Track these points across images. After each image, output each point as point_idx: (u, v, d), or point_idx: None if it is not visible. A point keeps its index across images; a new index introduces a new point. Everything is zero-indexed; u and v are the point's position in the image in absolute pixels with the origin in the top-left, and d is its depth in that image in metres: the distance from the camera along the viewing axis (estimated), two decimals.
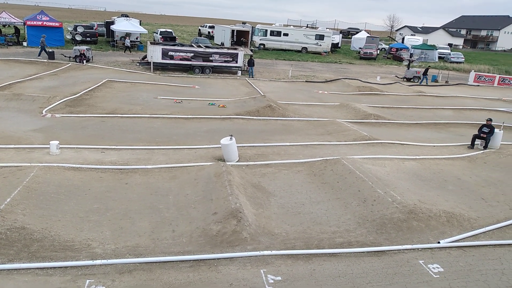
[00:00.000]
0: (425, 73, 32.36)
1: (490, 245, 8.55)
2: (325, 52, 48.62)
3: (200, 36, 52.20)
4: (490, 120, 15.41)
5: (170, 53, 27.63)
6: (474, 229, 9.12)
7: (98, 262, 6.96)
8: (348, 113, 19.97)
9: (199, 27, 62.59)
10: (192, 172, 11.07)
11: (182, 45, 30.77)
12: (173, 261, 7.21)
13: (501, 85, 33.76)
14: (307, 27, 66.54)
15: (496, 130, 15.26)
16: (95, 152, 12.33)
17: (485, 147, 15.20)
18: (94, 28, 42.37)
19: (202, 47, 30.41)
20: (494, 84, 33.93)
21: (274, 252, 7.67)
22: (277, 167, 12.09)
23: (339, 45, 56.51)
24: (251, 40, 47.90)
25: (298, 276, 7.07)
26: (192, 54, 28.27)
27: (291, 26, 52.61)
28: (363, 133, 15.98)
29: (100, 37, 41.38)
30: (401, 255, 7.94)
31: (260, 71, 31.91)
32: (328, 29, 54.77)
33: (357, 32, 68.16)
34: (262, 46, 47.27)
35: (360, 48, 51.71)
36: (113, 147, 12.83)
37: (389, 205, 9.50)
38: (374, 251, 7.96)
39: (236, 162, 12.18)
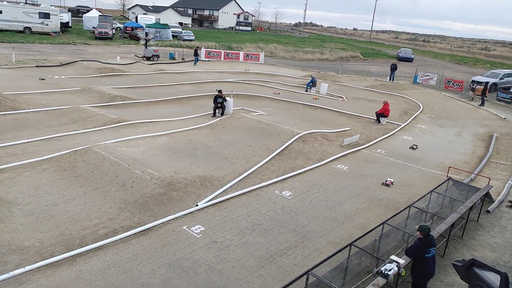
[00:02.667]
0: (195, 54, 34.67)
1: (236, 195, 10.08)
2: (55, 33, 43.68)
3: None
4: (220, 91, 17.70)
5: None
6: (223, 186, 10.49)
7: None
8: (92, 97, 18.84)
9: None
10: None
11: None
12: None
13: (226, 59, 39.13)
14: (26, 3, 57.58)
15: (227, 98, 17.71)
16: None
17: (222, 114, 17.48)
18: None
19: None
20: (222, 59, 39.00)
21: (28, 267, 6.65)
22: (16, 170, 10.31)
23: (70, 25, 51.78)
24: None
25: (62, 284, 6.41)
26: None
27: (4, 2, 44.22)
28: (112, 116, 15.49)
29: None
30: (166, 227, 8.35)
31: None
32: (53, 7, 49.07)
33: (88, 11, 64.06)
34: None
35: (94, 27, 48.94)
36: None
37: (148, 183, 9.72)
38: (141, 231, 8.06)
39: None
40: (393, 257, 6.35)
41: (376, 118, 18.95)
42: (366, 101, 23.98)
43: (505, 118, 22.35)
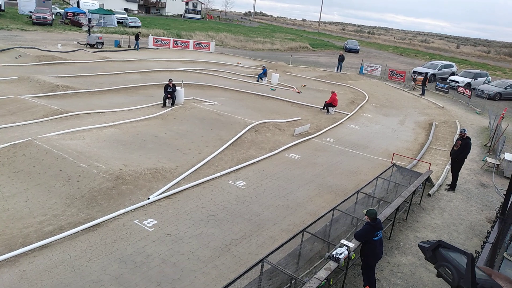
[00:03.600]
0: (136, 38, 34.34)
1: (189, 187, 9.96)
2: None
3: None
4: (171, 80, 17.28)
5: None
6: (175, 178, 10.31)
7: None
8: (32, 87, 17.64)
9: None
10: None
11: None
12: None
13: (175, 47, 38.19)
14: None
15: (178, 88, 17.34)
16: None
17: (173, 104, 17.10)
18: None
19: None
20: (170, 47, 38.01)
21: None
22: None
23: (3, 8, 47.83)
24: None
25: (4, 286, 6.01)
26: None
27: None
28: (54, 107, 14.62)
29: None
30: (116, 222, 8.08)
31: None
32: None
33: None
34: None
35: (31, 12, 45.61)
36: None
37: (95, 176, 9.32)
38: (89, 227, 7.74)
39: None
40: (343, 241, 6.61)
41: (324, 108, 19.48)
42: (315, 91, 24.54)
43: (443, 107, 23.87)
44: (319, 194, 10.47)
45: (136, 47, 34.34)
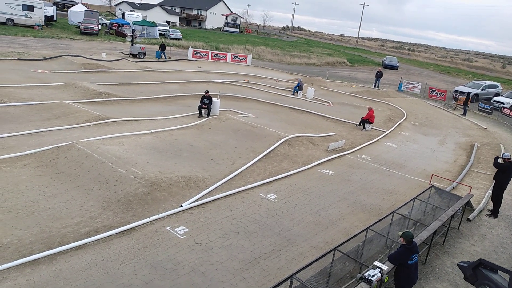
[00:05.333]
0: (162, 49, 34.97)
1: (221, 197, 10.01)
2: (39, 26, 42.79)
3: None
4: (208, 91, 17.62)
5: None
6: (208, 187, 10.41)
7: None
8: (76, 93, 18.49)
9: None
10: None
11: None
12: None
13: (213, 59, 38.98)
14: None
15: (214, 99, 17.63)
16: None
17: (208, 114, 17.38)
18: None
19: None
20: (209, 59, 38.83)
21: (5, 265, 6.46)
22: None
23: (55, 18, 50.83)
24: None
25: (41, 283, 6.24)
26: None
27: None
28: (96, 113, 15.24)
29: None
30: (149, 227, 8.23)
31: None
32: None
33: (74, 5, 62.98)
34: None
35: (79, 22, 48.16)
36: None
37: (132, 182, 9.57)
38: (123, 231, 7.92)
39: None
40: (376, 263, 6.39)
41: (361, 124, 19.16)
42: (351, 107, 24.22)
43: (486, 128, 22.88)
44: (352, 212, 10.24)
45: (163, 57, 34.83)
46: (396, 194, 11.78)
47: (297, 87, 26.30)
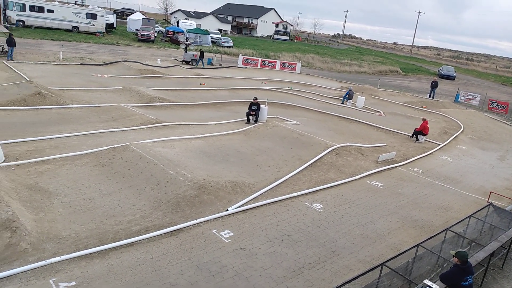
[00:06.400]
0: (201, 56, 34.70)
1: (266, 203, 10.04)
2: (100, 33, 45.54)
3: None
4: (256, 98, 17.80)
5: None
6: (253, 193, 10.48)
7: None
8: (132, 97, 19.43)
9: None
10: None
11: None
12: None
13: (263, 67, 39.35)
14: (75, 4, 60.39)
15: (262, 106, 17.77)
16: None
17: (256, 121, 17.55)
18: None
19: None
20: (258, 66, 39.27)
21: (64, 257, 6.88)
22: (57, 163, 10.75)
23: (115, 26, 53.88)
24: (5, 15, 40.23)
25: (94, 276, 6.58)
26: None
27: (56, 2, 46.56)
28: (150, 116, 15.90)
29: None
30: (196, 229, 8.42)
31: (21, 52, 27.31)
32: (100, 8, 51.21)
33: (132, 13, 66.46)
34: (21, 23, 40.43)
35: (137, 29, 50.66)
36: None
37: (181, 184, 9.86)
38: (171, 231, 8.16)
39: (2, 163, 10.17)
40: (426, 281, 6.10)
41: (414, 135, 18.43)
42: (404, 117, 23.40)
43: None
44: (402, 227, 9.84)
45: (201, 64, 34.67)
46: (450, 210, 11.18)
47: (347, 96, 25.86)
